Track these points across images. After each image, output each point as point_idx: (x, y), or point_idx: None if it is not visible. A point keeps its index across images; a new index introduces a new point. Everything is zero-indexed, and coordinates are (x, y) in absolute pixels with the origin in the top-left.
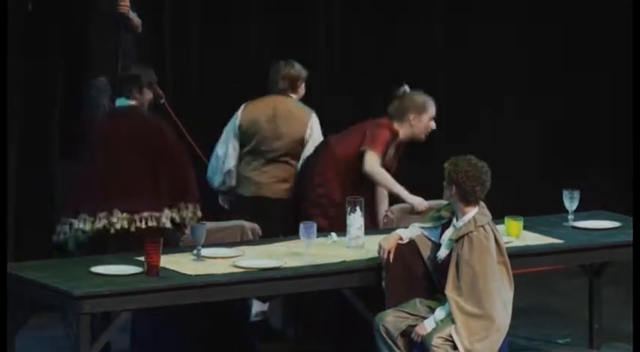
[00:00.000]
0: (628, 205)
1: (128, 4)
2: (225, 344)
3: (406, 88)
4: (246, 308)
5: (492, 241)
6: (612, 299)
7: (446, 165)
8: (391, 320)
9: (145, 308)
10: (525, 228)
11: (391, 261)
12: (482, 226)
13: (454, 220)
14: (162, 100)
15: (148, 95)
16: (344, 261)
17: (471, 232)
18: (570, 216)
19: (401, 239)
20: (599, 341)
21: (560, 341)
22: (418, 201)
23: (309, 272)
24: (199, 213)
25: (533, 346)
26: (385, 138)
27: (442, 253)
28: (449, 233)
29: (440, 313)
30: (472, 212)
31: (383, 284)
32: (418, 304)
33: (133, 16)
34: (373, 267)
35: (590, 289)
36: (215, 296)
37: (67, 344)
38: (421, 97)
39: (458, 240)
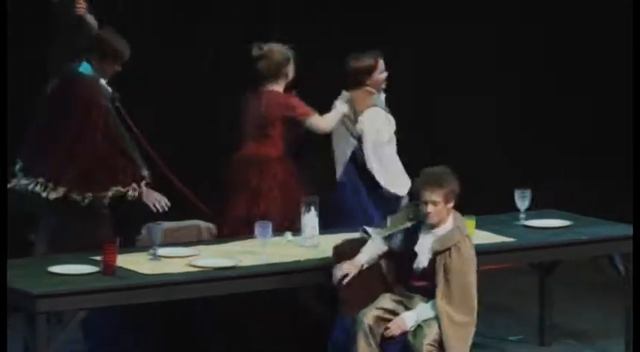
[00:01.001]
0: (577, 204)
1: (84, 6)
2: (181, 343)
3: (260, 45)
4: (203, 308)
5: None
6: (563, 297)
7: (426, 185)
8: (373, 317)
9: (102, 308)
10: (477, 226)
11: (345, 283)
12: (467, 235)
13: (426, 228)
14: (117, 103)
15: (110, 67)
16: (298, 260)
17: (459, 242)
18: (522, 215)
19: (362, 266)
20: (550, 339)
21: (511, 338)
22: (339, 104)
23: (265, 271)
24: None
25: (486, 343)
26: (298, 100)
27: (422, 262)
28: (427, 240)
29: (424, 312)
30: (451, 218)
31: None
32: (390, 300)
33: (90, 18)
34: (328, 266)
35: (540, 287)
36: (171, 295)
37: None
38: (280, 46)
39: (444, 250)
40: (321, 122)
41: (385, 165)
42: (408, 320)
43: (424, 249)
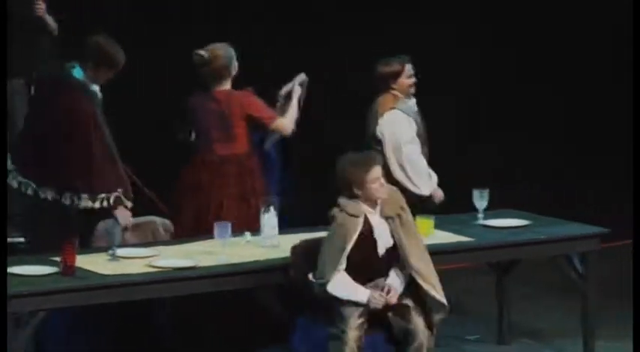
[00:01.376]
0: (536, 204)
1: (43, 6)
2: (136, 344)
3: (201, 51)
4: (161, 308)
5: None
6: (520, 296)
7: (371, 165)
8: (357, 331)
9: (58, 308)
10: (436, 226)
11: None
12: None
13: (370, 213)
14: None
15: (104, 74)
16: (258, 260)
17: (402, 199)
18: (480, 215)
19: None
20: (507, 338)
21: (469, 337)
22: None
23: (224, 272)
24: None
25: (443, 343)
26: (257, 100)
27: (386, 240)
28: (379, 219)
29: (402, 274)
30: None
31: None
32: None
33: (49, 19)
34: (287, 266)
35: (498, 286)
36: (130, 295)
37: None
38: (220, 46)
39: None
40: (286, 124)
41: (403, 166)
42: (394, 286)
43: (382, 228)
